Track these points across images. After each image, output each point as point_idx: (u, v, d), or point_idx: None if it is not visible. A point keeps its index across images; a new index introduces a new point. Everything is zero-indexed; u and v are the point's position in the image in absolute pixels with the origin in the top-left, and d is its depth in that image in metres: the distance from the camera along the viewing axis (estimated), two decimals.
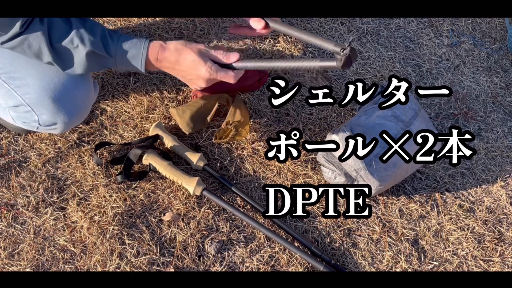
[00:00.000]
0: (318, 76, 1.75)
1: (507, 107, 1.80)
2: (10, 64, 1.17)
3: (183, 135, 1.54)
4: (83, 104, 1.26)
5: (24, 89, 1.18)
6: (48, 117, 1.21)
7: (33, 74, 1.17)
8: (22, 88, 1.18)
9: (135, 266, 1.32)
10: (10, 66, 1.17)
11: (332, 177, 1.46)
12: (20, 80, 1.18)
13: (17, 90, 1.19)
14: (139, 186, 1.45)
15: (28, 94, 1.18)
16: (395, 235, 1.47)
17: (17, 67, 1.17)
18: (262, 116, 1.63)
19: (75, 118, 1.26)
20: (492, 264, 1.46)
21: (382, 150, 1.41)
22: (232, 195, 1.47)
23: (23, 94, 1.19)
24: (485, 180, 1.62)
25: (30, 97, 1.19)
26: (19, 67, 1.17)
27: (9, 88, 1.19)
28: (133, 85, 1.63)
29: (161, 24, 1.78)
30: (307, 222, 1.45)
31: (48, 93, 1.18)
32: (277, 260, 1.38)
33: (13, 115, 1.27)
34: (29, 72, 1.17)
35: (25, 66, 1.17)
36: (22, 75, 1.17)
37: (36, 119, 1.23)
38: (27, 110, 1.21)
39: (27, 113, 1.22)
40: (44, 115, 1.21)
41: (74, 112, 1.24)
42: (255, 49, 1.78)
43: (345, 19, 1.93)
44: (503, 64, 1.91)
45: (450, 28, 1.97)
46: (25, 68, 1.17)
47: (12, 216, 1.37)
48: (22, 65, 1.17)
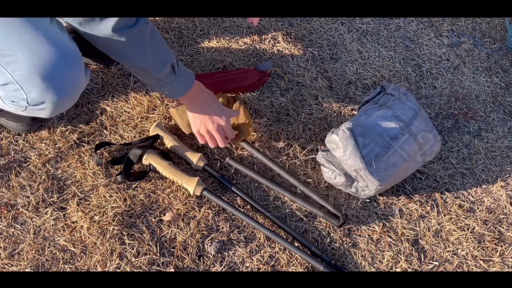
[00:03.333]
0: (318, 76, 1.75)
1: (507, 107, 1.80)
2: (1, 41, 1.16)
3: (183, 135, 1.54)
4: (73, 85, 1.25)
5: (14, 66, 1.17)
6: (37, 95, 1.20)
7: (24, 51, 1.16)
8: (12, 65, 1.17)
9: (135, 266, 1.32)
10: (1, 43, 1.16)
11: (332, 177, 1.46)
12: (10, 57, 1.16)
13: (7, 68, 1.18)
14: (139, 186, 1.45)
15: (18, 71, 1.17)
16: (395, 235, 1.47)
17: (8, 44, 1.16)
18: (262, 116, 1.63)
19: (64, 99, 1.24)
20: (492, 264, 1.46)
21: (382, 150, 1.41)
22: (232, 195, 1.47)
23: (12, 71, 1.18)
24: (485, 180, 1.62)
25: (20, 74, 1.18)
26: (11, 44, 1.16)
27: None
28: (133, 85, 1.63)
29: (161, 24, 1.78)
30: (307, 222, 1.45)
31: (38, 70, 1.17)
32: (277, 260, 1.38)
33: (2, 94, 1.25)
34: (20, 49, 1.15)
35: (16, 44, 1.16)
36: (12, 52, 1.16)
37: (25, 97, 1.21)
38: (16, 88, 1.20)
39: (16, 91, 1.21)
40: (32, 93, 1.20)
41: (63, 92, 1.22)
42: (255, 49, 1.78)
43: (345, 19, 1.93)
44: (503, 64, 1.91)
45: (450, 28, 1.98)
46: (16, 46, 1.16)
47: (12, 216, 1.37)
48: (14, 42, 1.16)
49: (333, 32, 1.88)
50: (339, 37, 1.87)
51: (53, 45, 1.16)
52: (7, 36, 1.16)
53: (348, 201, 1.50)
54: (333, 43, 1.85)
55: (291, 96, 1.69)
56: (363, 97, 1.72)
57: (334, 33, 1.88)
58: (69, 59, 1.20)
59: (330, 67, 1.79)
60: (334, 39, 1.86)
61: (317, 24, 1.89)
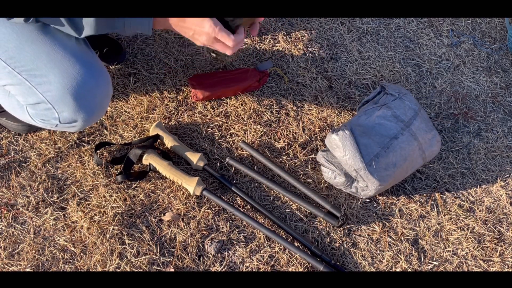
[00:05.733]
0: (318, 76, 1.75)
1: (507, 107, 1.80)
2: (31, 61, 1.17)
3: (183, 135, 1.54)
4: (103, 102, 1.27)
5: (45, 87, 1.19)
6: (69, 114, 1.22)
7: (55, 71, 1.17)
8: (44, 86, 1.19)
9: (135, 266, 1.32)
10: (32, 63, 1.17)
11: (332, 177, 1.46)
12: (41, 77, 1.18)
13: (38, 88, 1.20)
14: (139, 186, 1.45)
15: (50, 92, 1.19)
16: (395, 235, 1.47)
17: (38, 64, 1.17)
18: (262, 116, 1.63)
19: (95, 115, 1.27)
20: (492, 264, 1.46)
21: (382, 150, 1.41)
22: (232, 195, 1.47)
23: (44, 92, 1.20)
24: (485, 180, 1.62)
25: (52, 95, 1.19)
26: (41, 64, 1.17)
27: (30, 86, 1.20)
28: (133, 85, 1.63)
29: None
30: (307, 222, 1.45)
31: (70, 91, 1.18)
32: (277, 260, 1.38)
33: (32, 112, 1.27)
34: (51, 70, 1.17)
35: (47, 64, 1.17)
36: (43, 72, 1.18)
37: (57, 117, 1.23)
38: (48, 108, 1.22)
39: (47, 110, 1.23)
40: (65, 113, 1.22)
41: (94, 109, 1.25)
42: (255, 49, 1.78)
43: (345, 19, 1.93)
44: (503, 64, 1.91)
45: (450, 28, 1.98)
46: (47, 66, 1.17)
47: (12, 216, 1.37)
48: (44, 63, 1.17)
49: (333, 32, 1.88)
50: (339, 37, 1.87)
51: (83, 65, 1.18)
52: (37, 56, 1.17)
53: (348, 201, 1.50)
54: (333, 43, 1.85)
55: (291, 96, 1.69)
56: (363, 97, 1.72)
57: (334, 33, 1.88)
58: (98, 77, 1.23)
59: (330, 67, 1.79)
60: (334, 39, 1.86)
61: (317, 24, 1.89)
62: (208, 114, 1.61)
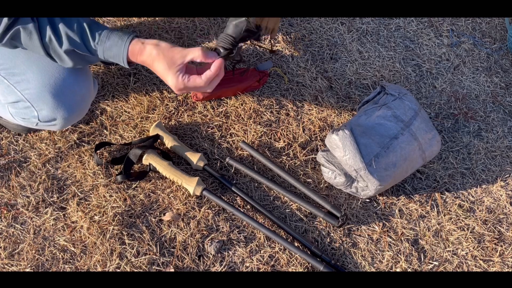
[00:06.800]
0: (318, 76, 1.75)
1: (507, 107, 1.80)
2: (10, 60, 1.17)
3: (183, 135, 1.54)
4: (83, 100, 1.26)
5: (24, 85, 1.18)
6: (48, 112, 1.21)
7: (33, 69, 1.17)
8: (22, 84, 1.18)
9: (135, 266, 1.32)
10: (10, 62, 1.17)
11: (332, 177, 1.46)
12: (20, 75, 1.18)
13: (17, 86, 1.19)
14: (139, 186, 1.45)
15: (28, 90, 1.19)
16: (395, 235, 1.47)
17: (17, 62, 1.17)
18: (262, 116, 1.63)
19: (75, 114, 1.26)
20: (492, 264, 1.46)
21: (382, 150, 1.41)
22: (232, 195, 1.47)
23: (22, 90, 1.19)
24: (485, 180, 1.62)
25: (30, 93, 1.19)
26: (19, 62, 1.17)
27: (8, 84, 1.19)
28: (133, 85, 1.63)
29: (161, 24, 1.78)
30: (307, 222, 1.45)
31: (48, 88, 1.18)
32: (277, 260, 1.38)
33: (12, 111, 1.26)
34: (29, 67, 1.17)
35: (25, 62, 1.17)
36: (22, 70, 1.17)
37: (36, 115, 1.23)
38: (27, 106, 1.21)
39: (26, 108, 1.22)
40: (43, 111, 1.21)
41: (74, 107, 1.24)
42: (255, 49, 1.78)
43: (345, 19, 1.93)
44: (503, 64, 1.91)
45: (450, 28, 1.97)
46: (25, 64, 1.17)
47: (12, 216, 1.37)
48: (23, 61, 1.17)
49: (333, 32, 1.88)
50: (339, 37, 1.87)
51: None
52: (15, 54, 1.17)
53: (348, 201, 1.50)
54: (333, 43, 1.85)
55: (291, 96, 1.69)
56: (363, 97, 1.72)
57: (334, 33, 1.88)
58: (78, 75, 1.21)
59: (330, 67, 1.78)
60: (334, 39, 1.86)
61: (317, 24, 1.89)
62: (208, 114, 1.61)
